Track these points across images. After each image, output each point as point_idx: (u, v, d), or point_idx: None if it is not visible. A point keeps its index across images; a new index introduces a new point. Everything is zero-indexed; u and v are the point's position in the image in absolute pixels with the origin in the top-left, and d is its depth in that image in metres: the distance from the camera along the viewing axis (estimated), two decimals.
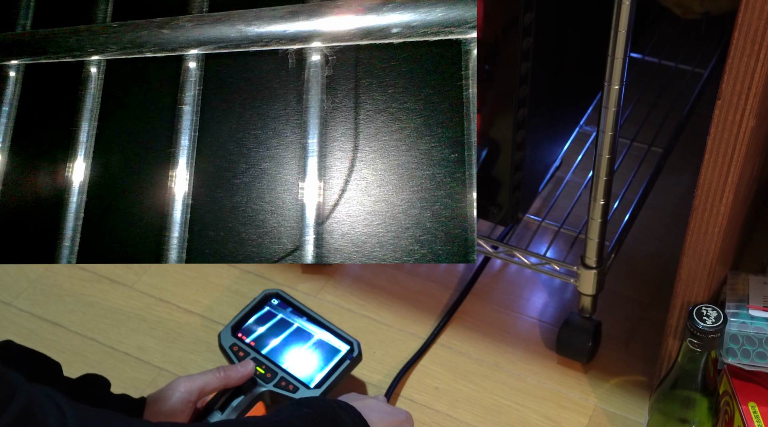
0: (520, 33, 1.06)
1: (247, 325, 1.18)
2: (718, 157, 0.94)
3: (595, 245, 1.14)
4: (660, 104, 1.49)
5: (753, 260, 1.32)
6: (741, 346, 1.01)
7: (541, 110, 1.19)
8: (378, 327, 1.31)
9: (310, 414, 0.92)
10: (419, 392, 1.23)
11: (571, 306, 1.31)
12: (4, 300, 1.34)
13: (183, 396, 1.02)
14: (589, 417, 1.20)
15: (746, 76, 0.88)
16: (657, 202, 1.46)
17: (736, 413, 1.03)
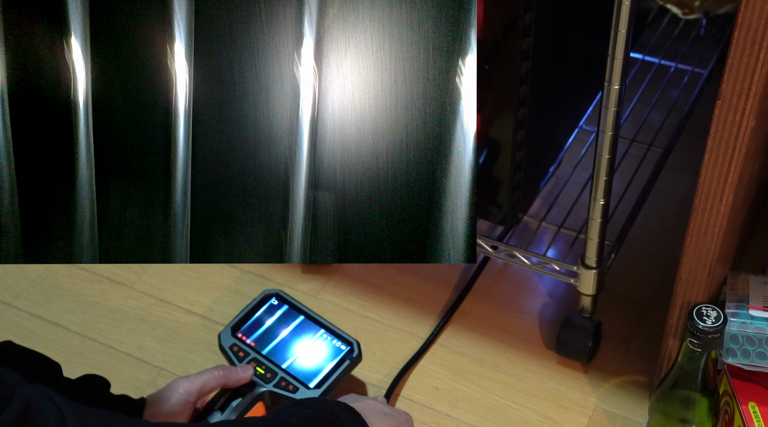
0: (520, 33, 1.06)
1: (247, 325, 1.18)
2: (718, 157, 0.94)
3: (595, 245, 1.14)
4: (660, 104, 1.49)
5: (753, 260, 1.32)
6: (741, 346, 1.01)
7: (541, 110, 1.19)
8: (378, 327, 1.31)
9: (310, 415, 0.92)
10: (419, 392, 1.23)
11: (571, 306, 1.31)
12: (4, 300, 1.34)
13: (182, 397, 1.02)
14: (589, 417, 1.20)
15: (746, 76, 0.88)
16: (657, 202, 1.46)
17: (736, 413, 1.03)
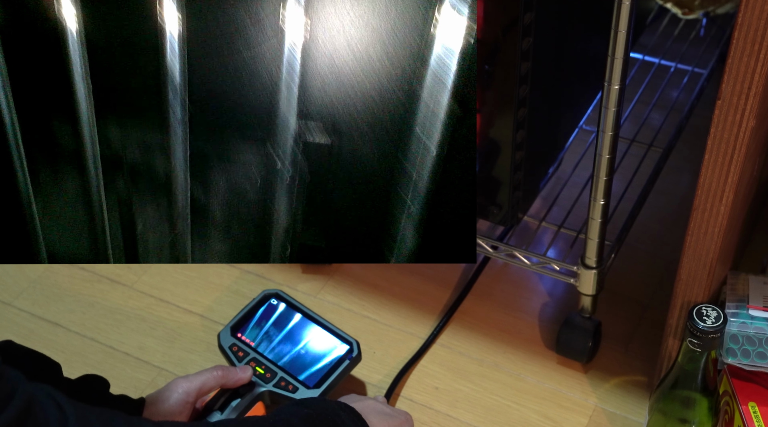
0: (520, 33, 1.06)
1: (246, 325, 1.18)
2: (718, 157, 0.94)
3: (595, 245, 1.14)
4: (660, 104, 1.49)
5: (753, 260, 1.32)
6: (741, 346, 1.01)
7: (541, 110, 1.19)
8: (378, 327, 1.31)
9: (310, 415, 0.92)
10: (419, 392, 1.23)
11: (571, 306, 1.31)
12: (4, 300, 1.34)
13: (181, 397, 1.02)
14: (589, 417, 1.20)
15: (746, 76, 0.88)
16: (657, 202, 1.46)
17: (736, 413, 1.03)
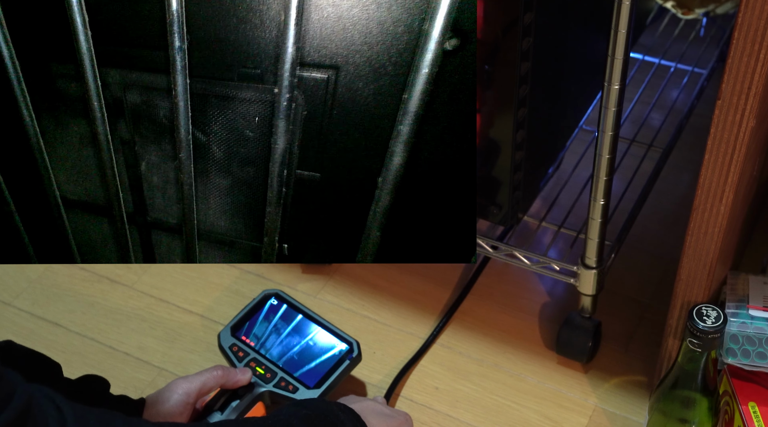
0: (520, 33, 1.06)
1: (246, 325, 1.18)
2: (718, 157, 0.94)
3: (595, 245, 1.14)
4: (660, 104, 1.49)
5: (753, 260, 1.32)
6: (741, 346, 1.01)
7: (541, 110, 1.19)
8: (378, 327, 1.31)
9: (310, 415, 0.92)
10: (419, 392, 1.23)
11: (571, 306, 1.31)
12: (4, 300, 1.34)
13: (181, 398, 1.02)
14: (589, 417, 1.20)
15: (746, 76, 0.88)
16: (657, 202, 1.46)
17: (736, 413, 1.03)
